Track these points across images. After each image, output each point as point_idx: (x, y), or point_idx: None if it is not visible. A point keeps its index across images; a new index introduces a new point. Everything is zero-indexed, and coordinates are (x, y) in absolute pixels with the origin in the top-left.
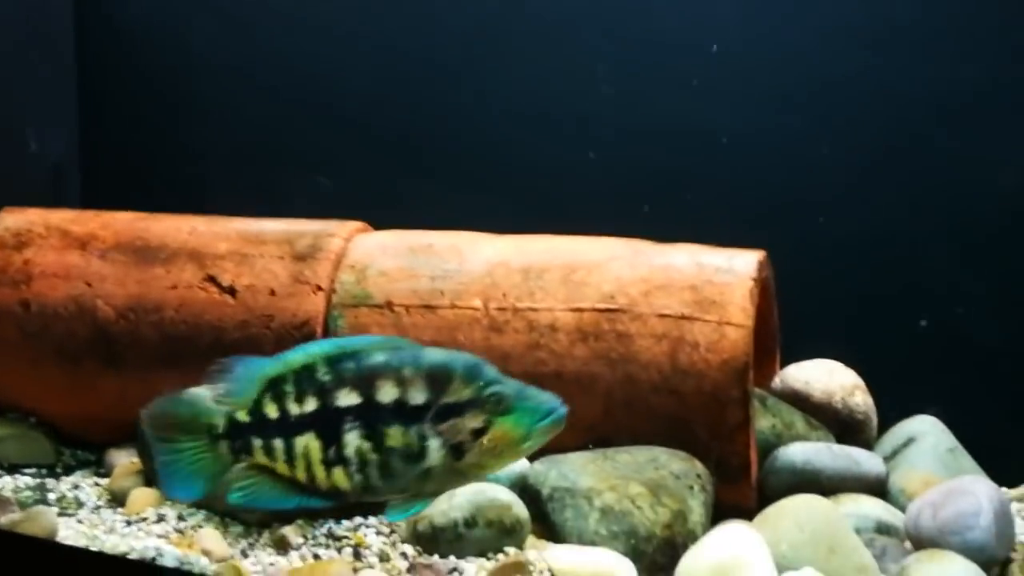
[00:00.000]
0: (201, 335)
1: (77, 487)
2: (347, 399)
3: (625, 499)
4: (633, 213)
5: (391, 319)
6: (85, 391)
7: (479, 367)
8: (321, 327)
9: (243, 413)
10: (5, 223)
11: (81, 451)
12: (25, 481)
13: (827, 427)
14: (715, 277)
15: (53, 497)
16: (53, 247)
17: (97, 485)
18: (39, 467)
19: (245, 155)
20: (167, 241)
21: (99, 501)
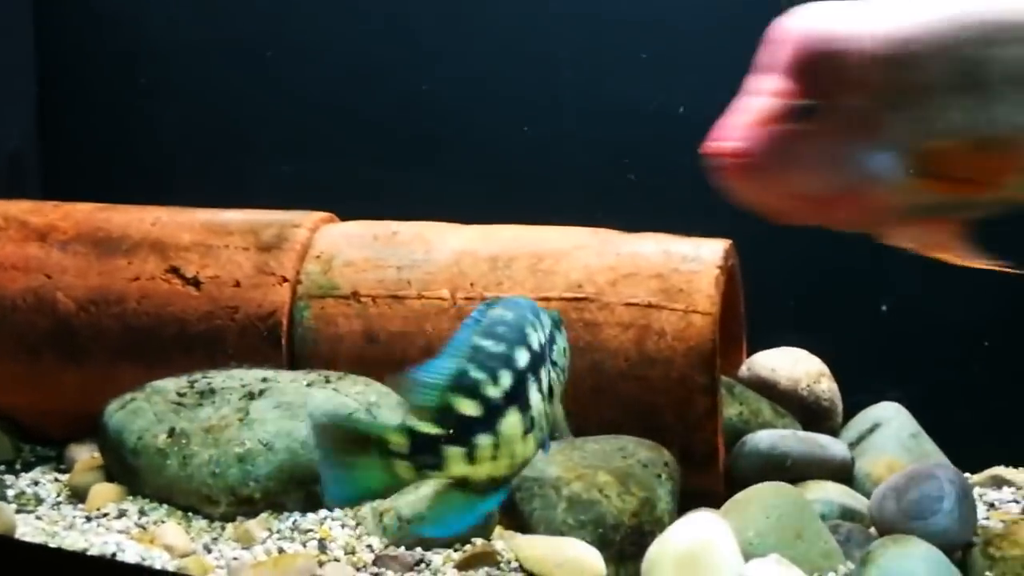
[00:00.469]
0: (164, 327)
1: (36, 483)
2: (522, 358)
3: (593, 488)
4: (600, 201)
5: (357, 309)
6: (45, 385)
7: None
8: (287, 318)
9: (428, 425)
10: None
11: (41, 447)
12: None
13: (793, 414)
14: (681, 266)
15: (12, 494)
16: (11, 239)
17: (57, 481)
18: None
19: (210, 144)
20: (129, 232)
21: (59, 497)
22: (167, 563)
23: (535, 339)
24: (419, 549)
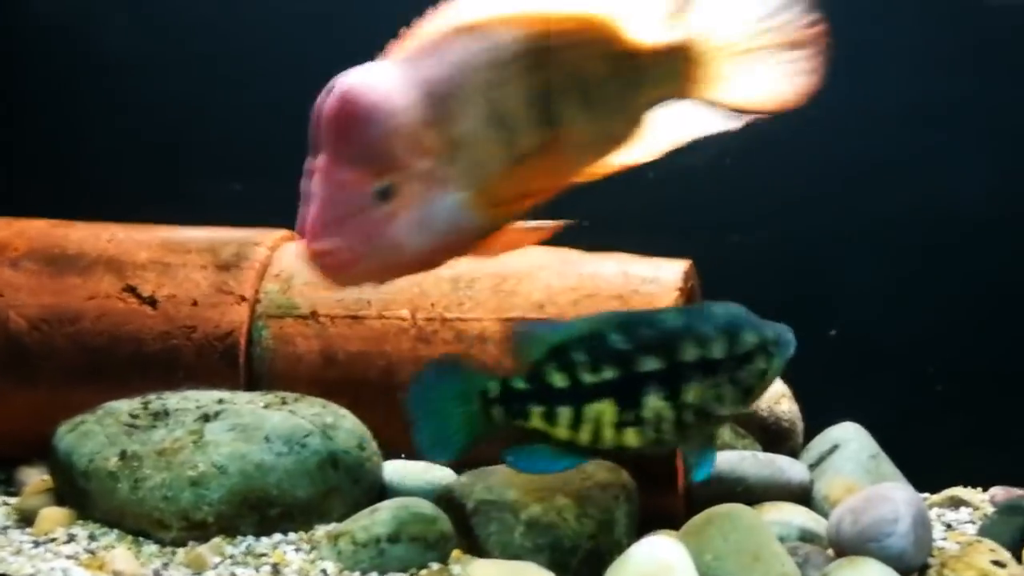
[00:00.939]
0: (120, 347)
1: None
2: (648, 364)
3: (551, 511)
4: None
5: (316, 329)
6: None
7: (752, 314)
8: (245, 338)
9: (520, 381)
10: None
11: None
12: None
13: (754, 435)
14: (641, 287)
15: None
16: None
17: (6, 504)
18: None
19: (166, 158)
20: (85, 249)
21: (7, 521)
22: None
23: (690, 353)
24: (375, 574)
